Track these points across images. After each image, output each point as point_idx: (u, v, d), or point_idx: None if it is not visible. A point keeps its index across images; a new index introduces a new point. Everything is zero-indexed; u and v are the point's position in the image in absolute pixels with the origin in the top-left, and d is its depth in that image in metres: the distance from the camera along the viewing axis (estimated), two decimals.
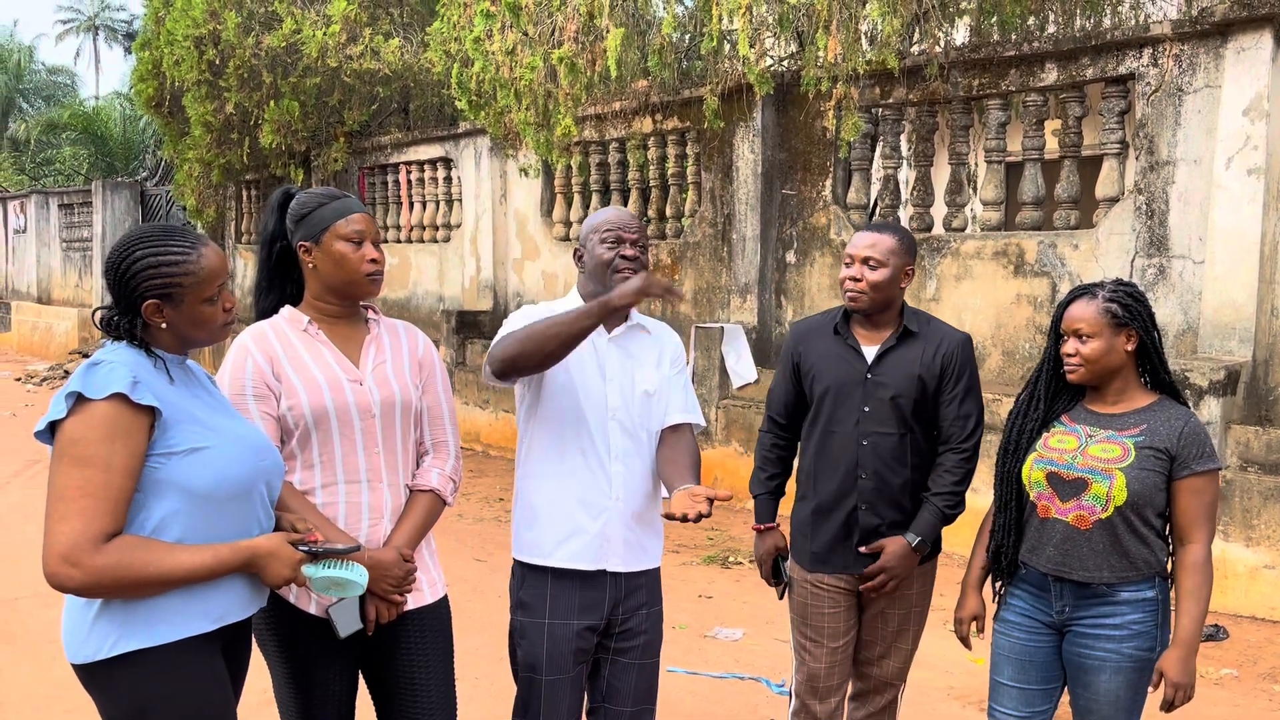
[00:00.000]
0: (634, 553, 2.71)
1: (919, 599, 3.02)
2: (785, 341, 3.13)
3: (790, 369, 3.06)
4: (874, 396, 2.89)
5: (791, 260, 7.91)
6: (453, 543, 6.53)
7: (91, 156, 24.83)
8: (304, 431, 2.36)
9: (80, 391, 1.94)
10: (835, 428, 2.93)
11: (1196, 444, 2.50)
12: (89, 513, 1.89)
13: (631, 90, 8.33)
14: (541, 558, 2.67)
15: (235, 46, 10.63)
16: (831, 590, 2.97)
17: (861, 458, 2.89)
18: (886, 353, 2.91)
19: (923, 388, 2.89)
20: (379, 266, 2.44)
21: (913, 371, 2.89)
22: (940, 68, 6.61)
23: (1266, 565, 5.27)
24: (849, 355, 2.93)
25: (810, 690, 3.01)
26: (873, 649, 3.04)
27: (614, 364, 2.69)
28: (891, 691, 3.10)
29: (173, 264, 2.03)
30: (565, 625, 2.62)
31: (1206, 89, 5.75)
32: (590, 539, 2.64)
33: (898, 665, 3.06)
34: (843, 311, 2.99)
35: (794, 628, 3.07)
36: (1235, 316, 5.63)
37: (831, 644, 2.98)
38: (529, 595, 2.66)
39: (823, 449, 2.95)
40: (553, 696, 2.61)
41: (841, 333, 2.96)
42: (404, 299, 11.70)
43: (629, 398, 2.69)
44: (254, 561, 2.06)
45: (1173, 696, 2.46)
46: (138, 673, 1.98)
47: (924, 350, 2.91)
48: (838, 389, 2.92)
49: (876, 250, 2.85)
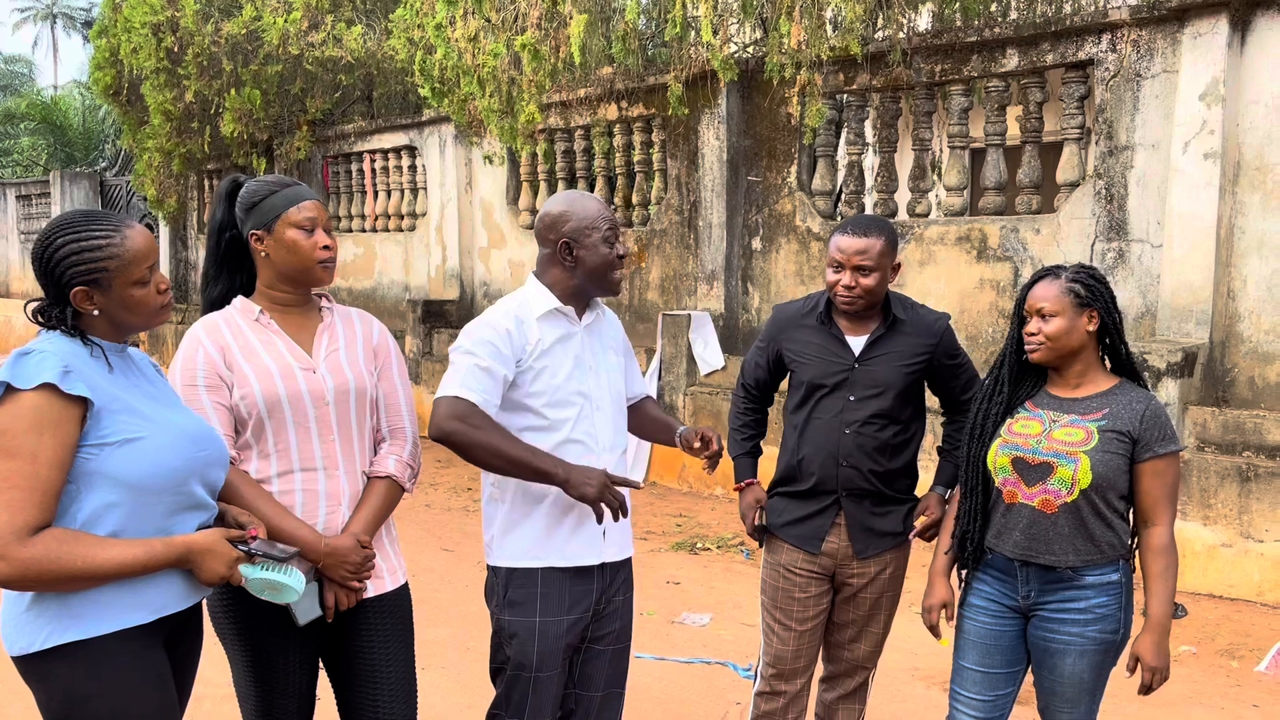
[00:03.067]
0: (623, 540, 2.74)
1: (891, 583, 3.03)
2: (767, 324, 3.13)
3: (771, 353, 3.08)
4: (860, 387, 2.91)
5: (757, 247, 7.92)
6: (420, 533, 6.50)
7: (50, 147, 24.41)
8: (258, 421, 2.34)
9: (8, 381, 1.90)
10: (819, 415, 2.94)
11: (1158, 426, 2.54)
12: (15, 505, 1.86)
13: (596, 77, 8.30)
14: (537, 560, 2.60)
15: (194, 34, 10.48)
16: (804, 574, 2.98)
17: (844, 445, 2.90)
18: (875, 342, 2.93)
19: (912, 376, 2.93)
20: (331, 254, 2.42)
21: (902, 362, 2.92)
22: (903, 54, 6.64)
23: (1223, 544, 5.36)
24: (834, 346, 2.94)
25: (776, 672, 3.04)
26: (844, 632, 3.06)
27: (587, 352, 2.68)
28: (862, 674, 3.12)
29: (96, 248, 1.99)
30: (556, 622, 2.60)
31: (1164, 74, 5.81)
32: (593, 534, 2.64)
33: (869, 649, 3.08)
34: (826, 301, 2.99)
35: (764, 609, 3.09)
36: (1192, 299, 5.70)
37: (800, 627, 3.00)
38: (518, 594, 2.61)
39: (805, 437, 2.97)
40: (541, 693, 2.61)
41: (826, 323, 2.96)
42: (369, 289, 11.61)
43: (606, 384, 2.70)
44: (188, 557, 2.02)
45: (1150, 680, 2.51)
46: (73, 665, 1.95)
47: (914, 341, 2.94)
48: (823, 379, 2.93)
49: (868, 257, 2.83)
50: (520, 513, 2.62)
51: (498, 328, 2.57)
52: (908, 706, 4.09)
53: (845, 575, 2.99)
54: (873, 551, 2.97)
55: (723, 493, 7.58)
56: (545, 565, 2.60)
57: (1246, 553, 5.30)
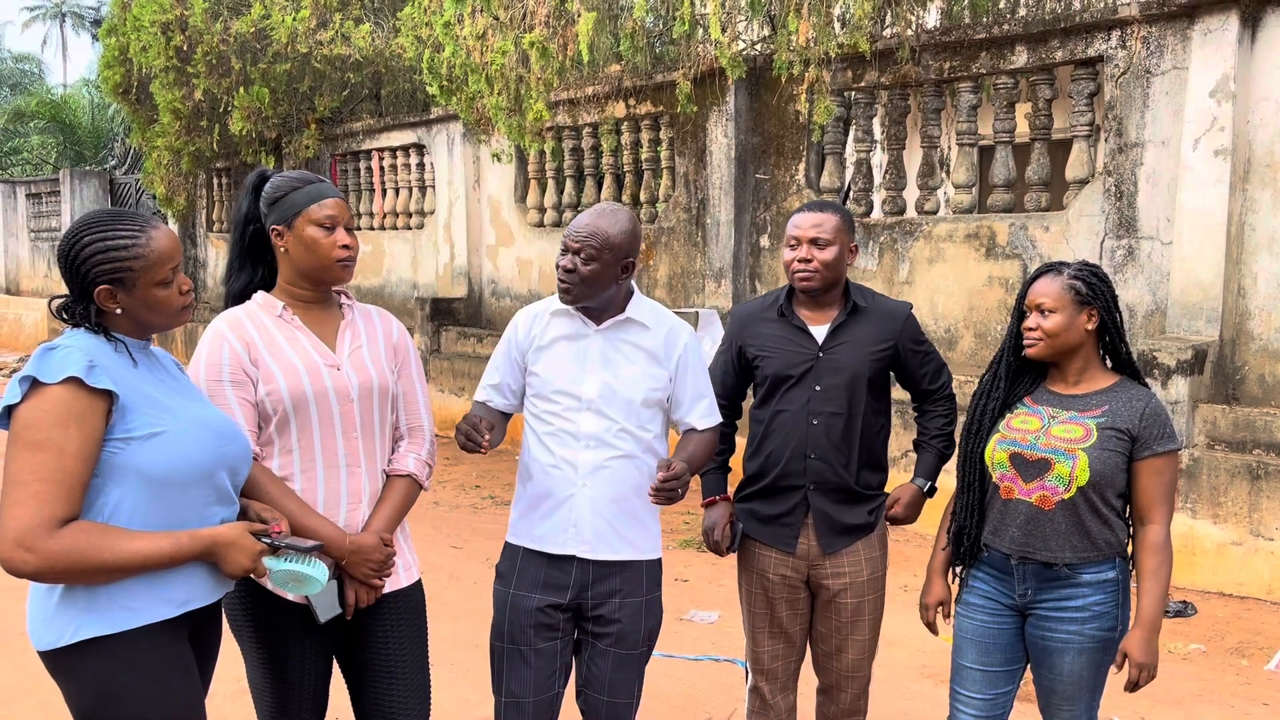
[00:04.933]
0: (605, 541, 2.67)
1: (870, 586, 2.98)
2: (728, 326, 3.11)
3: (734, 354, 3.06)
4: (825, 376, 2.89)
5: (765, 245, 7.92)
6: (429, 530, 6.52)
7: (59, 145, 24.46)
8: (282, 417, 2.34)
9: (35, 376, 1.92)
10: (785, 407, 2.93)
11: (1158, 425, 2.53)
12: (42, 497, 1.87)
13: (604, 75, 8.30)
14: (516, 538, 2.75)
15: (203, 32, 10.51)
16: (778, 578, 2.97)
17: (812, 437, 2.89)
18: (837, 329, 2.92)
19: (878, 364, 2.92)
20: (351, 252, 2.42)
21: (867, 348, 2.91)
22: (912, 51, 6.63)
23: (1233, 542, 5.35)
24: (797, 336, 2.93)
25: (759, 670, 3.06)
26: (829, 642, 3.01)
27: (595, 355, 2.67)
28: (854, 686, 3.04)
29: (122, 248, 2.01)
30: (525, 597, 2.66)
31: (1174, 71, 5.79)
32: (555, 524, 2.67)
33: (855, 658, 3.00)
34: (785, 293, 2.98)
35: (743, 614, 3.10)
36: (1202, 296, 5.69)
37: (774, 629, 3.00)
38: (504, 566, 2.75)
39: (772, 430, 2.95)
40: (512, 667, 2.65)
41: (787, 314, 2.96)
42: (378, 286, 11.63)
43: (608, 389, 2.66)
44: (213, 550, 2.04)
45: (1137, 677, 2.50)
46: (101, 659, 1.96)
47: (877, 327, 2.93)
48: (788, 370, 2.92)
49: (823, 230, 2.85)
50: (518, 490, 2.79)
51: (516, 320, 2.79)
52: (915, 704, 4.09)
53: (820, 576, 2.95)
54: (840, 546, 2.93)
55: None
56: (522, 545, 2.72)
57: (1256, 551, 5.29)
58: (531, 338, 2.72)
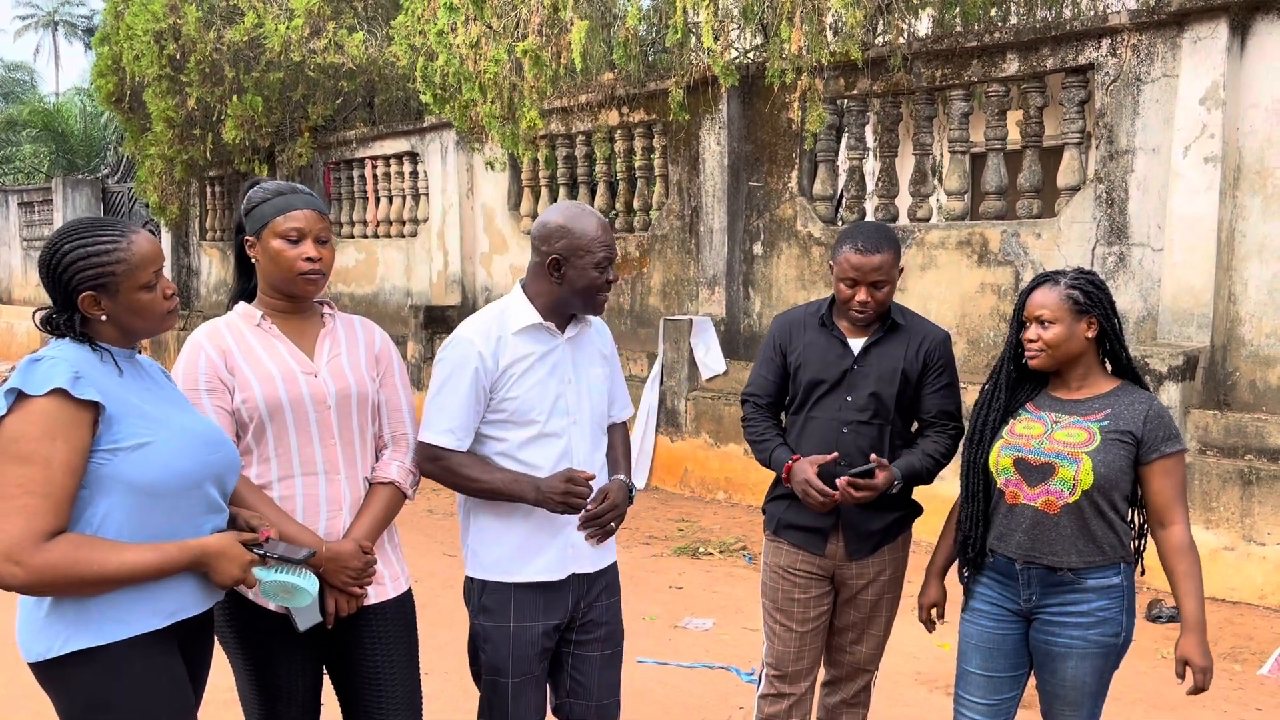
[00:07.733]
0: (599, 552, 2.72)
1: (890, 584, 3.06)
2: (770, 331, 3.15)
3: (777, 358, 3.09)
4: (857, 387, 2.94)
5: (758, 252, 7.93)
6: (422, 538, 6.51)
7: (52, 154, 24.41)
8: (259, 424, 2.34)
9: (20, 388, 1.91)
10: (818, 414, 2.98)
11: (1162, 426, 2.54)
12: (30, 511, 1.86)
13: (597, 83, 8.32)
14: (509, 575, 2.62)
15: (196, 41, 10.50)
16: (803, 575, 3.01)
17: (842, 445, 2.93)
18: (872, 346, 2.96)
19: (905, 381, 2.95)
20: (315, 265, 2.37)
21: (896, 365, 2.95)
22: (904, 59, 6.65)
23: (1226, 547, 5.36)
24: (835, 347, 2.98)
25: (779, 674, 3.05)
26: (845, 635, 3.08)
27: (569, 366, 2.66)
28: (865, 677, 3.14)
29: (103, 253, 2.00)
30: (530, 627, 2.61)
31: (1164, 78, 5.82)
32: (558, 551, 2.64)
33: (870, 650, 3.10)
34: (829, 303, 3.04)
35: (765, 611, 3.11)
36: (1193, 303, 5.71)
37: (801, 628, 3.02)
38: (491, 601, 2.63)
39: (804, 436, 2.99)
40: (519, 698, 2.61)
41: (828, 325, 3.01)
42: (371, 294, 11.63)
43: (586, 398, 2.68)
44: (203, 560, 2.03)
45: (1201, 680, 2.51)
46: (90, 670, 1.96)
47: (908, 345, 2.97)
48: (822, 378, 2.97)
49: (882, 272, 2.87)
50: (493, 531, 2.64)
51: (471, 349, 2.56)
52: (910, 710, 4.09)
53: (844, 576, 3.02)
54: (866, 552, 2.99)
55: (724, 497, 7.58)
56: (517, 581, 2.62)
57: (1249, 556, 5.30)
58: (500, 366, 2.56)
